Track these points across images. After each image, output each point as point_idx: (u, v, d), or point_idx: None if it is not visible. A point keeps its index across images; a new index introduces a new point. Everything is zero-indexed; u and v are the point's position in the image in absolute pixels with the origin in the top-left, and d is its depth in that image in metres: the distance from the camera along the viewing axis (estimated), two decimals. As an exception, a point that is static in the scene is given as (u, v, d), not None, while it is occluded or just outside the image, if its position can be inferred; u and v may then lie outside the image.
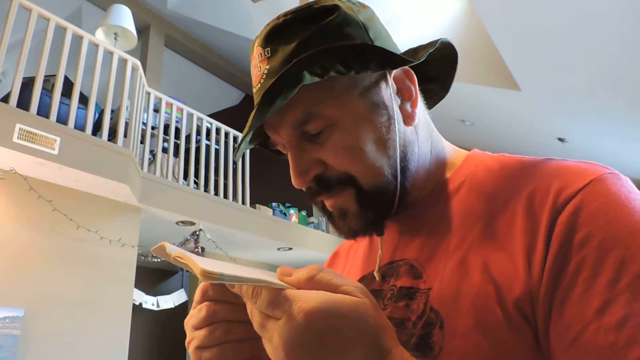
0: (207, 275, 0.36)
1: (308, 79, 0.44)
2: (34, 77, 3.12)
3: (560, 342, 0.37)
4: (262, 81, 0.49)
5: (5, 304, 2.88)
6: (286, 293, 0.37)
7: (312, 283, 0.38)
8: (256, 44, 0.51)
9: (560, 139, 6.53)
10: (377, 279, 0.54)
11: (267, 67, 0.49)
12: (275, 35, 0.49)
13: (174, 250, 0.42)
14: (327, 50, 0.47)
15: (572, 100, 5.53)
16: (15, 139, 2.84)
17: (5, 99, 3.03)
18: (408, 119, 0.52)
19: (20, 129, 2.88)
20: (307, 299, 0.36)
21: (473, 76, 5.32)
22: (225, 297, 0.45)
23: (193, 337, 0.46)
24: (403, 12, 5.02)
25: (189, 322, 0.46)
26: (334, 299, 0.36)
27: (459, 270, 0.44)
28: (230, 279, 0.37)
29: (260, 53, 0.50)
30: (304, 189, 0.52)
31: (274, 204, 5.62)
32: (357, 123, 0.48)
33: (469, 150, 0.58)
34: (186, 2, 5.61)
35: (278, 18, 0.50)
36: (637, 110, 5.45)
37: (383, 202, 0.50)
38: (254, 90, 0.51)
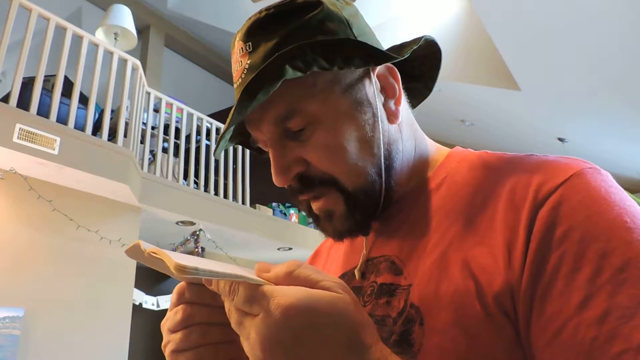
0: (182, 269, 0.34)
1: (290, 73, 0.43)
2: (34, 77, 3.12)
3: (542, 337, 0.37)
4: (243, 76, 0.48)
5: (5, 304, 2.88)
6: (264, 289, 0.36)
7: (290, 279, 0.37)
8: (237, 39, 0.50)
9: (560, 139, 6.53)
10: (356, 277, 0.53)
11: (249, 62, 0.48)
12: (256, 30, 0.48)
13: (148, 247, 0.41)
14: (310, 45, 0.46)
15: (572, 100, 5.53)
16: (15, 139, 2.84)
17: (5, 99, 3.03)
18: (392, 116, 0.51)
19: (20, 129, 2.87)
20: (285, 295, 0.35)
21: (473, 76, 5.32)
22: (202, 300, 0.44)
23: (169, 341, 0.45)
24: (403, 12, 5.02)
25: (165, 325, 0.45)
26: (312, 295, 0.35)
27: (439, 267, 0.44)
28: (206, 274, 0.35)
29: (242, 48, 0.49)
30: (285, 187, 0.51)
31: (274, 204, 5.62)
32: (340, 121, 0.48)
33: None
34: (186, 2, 5.61)
35: (260, 12, 0.49)
36: (637, 110, 5.45)
37: (370, 203, 0.50)
38: (235, 85, 0.50)
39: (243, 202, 4.96)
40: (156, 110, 4.46)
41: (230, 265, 0.41)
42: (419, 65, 0.57)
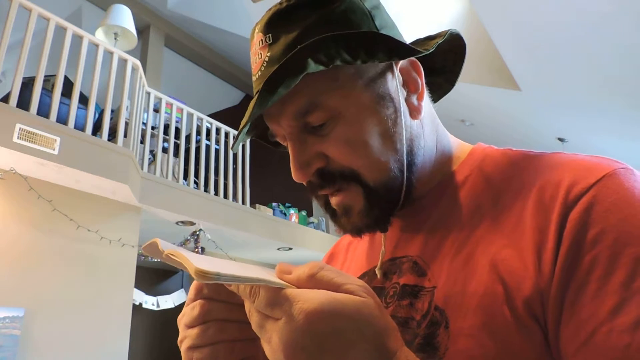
0: (203, 275, 0.34)
1: (312, 67, 0.42)
2: (34, 77, 3.12)
3: (572, 343, 0.36)
4: (262, 69, 0.47)
5: (5, 304, 2.88)
6: (286, 292, 0.35)
7: (313, 281, 0.36)
8: (257, 30, 0.49)
9: (560, 139, 6.53)
10: (378, 276, 0.52)
11: (269, 54, 0.46)
12: (277, 21, 0.47)
13: (166, 247, 0.40)
14: (333, 38, 0.44)
15: (572, 100, 5.53)
16: (15, 139, 2.84)
17: (5, 99, 3.02)
18: (414, 112, 0.50)
19: (20, 129, 2.87)
20: (308, 299, 0.34)
21: (473, 76, 5.32)
22: (219, 296, 0.43)
23: (185, 336, 0.44)
24: (403, 13, 5.02)
25: (182, 320, 0.45)
26: (336, 299, 0.34)
27: (465, 268, 0.43)
28: (227, 279, 0.34)
29: (261, 39, 0.47)
30: (304, 182, 0.49)
31: (274, 204, 5.62)
32: (362, 115, 0.46)
33: None
34: (186, 2, 5.61)
35: (280, 3, 0.47)
36: (637, 110, 5.45)
37: (390, 199, 0.48)
38: (254, 78, 0.49)
39: (243, 202, 4.95)
40: (156, 110, 4.46)
41: (250, 267, 0.40)
42: (441, 60, 0.55)
